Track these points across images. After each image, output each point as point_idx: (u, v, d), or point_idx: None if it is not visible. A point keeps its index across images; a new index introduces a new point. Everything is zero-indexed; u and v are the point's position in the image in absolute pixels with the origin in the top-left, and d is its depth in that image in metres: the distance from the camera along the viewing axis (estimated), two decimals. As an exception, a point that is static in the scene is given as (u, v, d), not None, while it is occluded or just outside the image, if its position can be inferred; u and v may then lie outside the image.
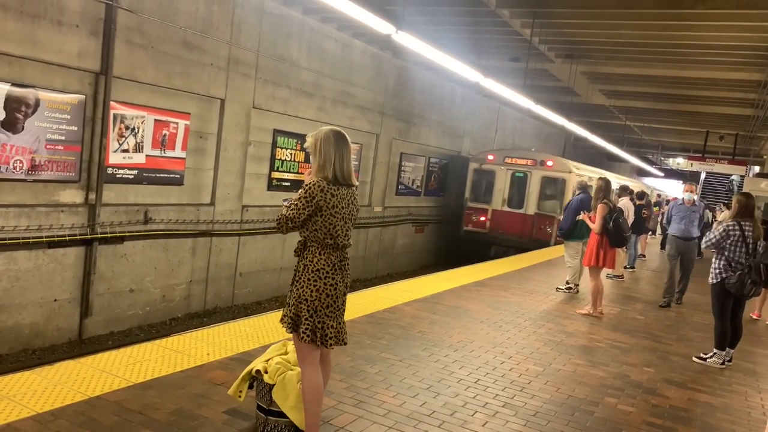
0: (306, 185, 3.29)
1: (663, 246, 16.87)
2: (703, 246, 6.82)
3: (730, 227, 6.33)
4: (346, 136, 3.44)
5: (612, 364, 6.00)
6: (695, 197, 9.61)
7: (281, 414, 3.47)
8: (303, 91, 12.61)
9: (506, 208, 18.46)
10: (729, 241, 6.30)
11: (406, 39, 8.03)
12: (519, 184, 18.47)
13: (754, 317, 9.36)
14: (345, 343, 3.45)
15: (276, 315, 6.16)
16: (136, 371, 4.42)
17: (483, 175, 19.04)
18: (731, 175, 30.87)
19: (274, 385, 3.47)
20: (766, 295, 9.45)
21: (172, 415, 3.78)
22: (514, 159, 18.75)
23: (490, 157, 18.98)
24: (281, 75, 11.96)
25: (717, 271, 6.39)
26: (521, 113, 24.24)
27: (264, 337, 5.49)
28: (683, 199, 9.62)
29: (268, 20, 11.40)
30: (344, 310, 3.47)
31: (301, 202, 3.25)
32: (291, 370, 3.53)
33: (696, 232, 9.46)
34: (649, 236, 17.19)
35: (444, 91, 18.66)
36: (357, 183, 3.51)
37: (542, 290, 9.57)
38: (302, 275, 3.32)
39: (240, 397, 3.69)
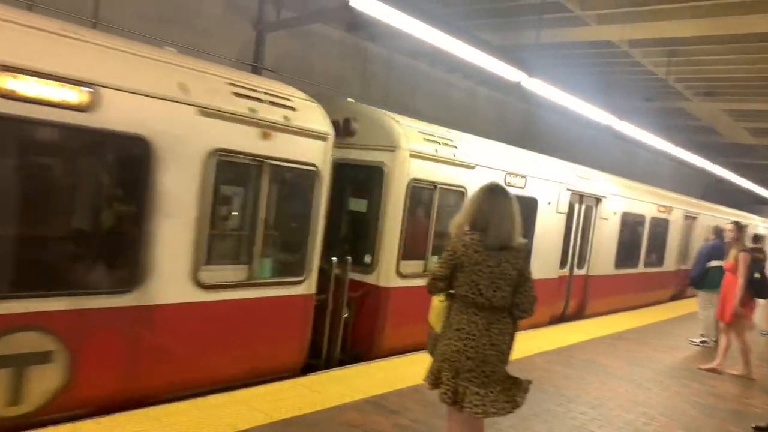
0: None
1: None
2: None
3: None
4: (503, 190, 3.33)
5: (776, 434, 5.37)
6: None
7: None
8: (428, 138, 12.95)
9: None
10: None
11: (536, 85, 8.02)
12: None
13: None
14: (497, 415, 3.24)
15: (408, 359, 6.23)
16: (277, 408, 4.65)
17: None
18: None
19: None
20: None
21: (313, 455, 3.92)
22: None
23: None
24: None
25: None
26: (654, 154, 22.94)
27: (396, 382, 5.55)
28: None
29: (395, 73, 11.92)
30: (499, 380, 3.24)
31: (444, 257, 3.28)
32: None
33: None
34: None
35: (570, 134, 18.20)
36: (518, 242, 3.31)
37: (684, 346, 8.83)
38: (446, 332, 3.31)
39: None
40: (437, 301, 3.40)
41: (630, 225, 11.93)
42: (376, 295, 6.42)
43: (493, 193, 3.29)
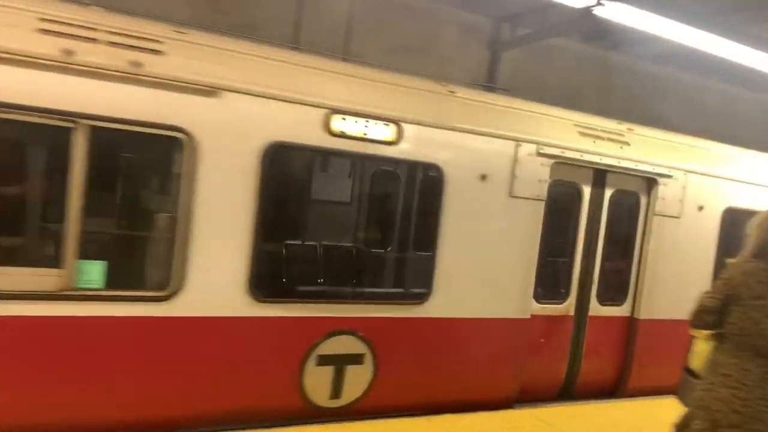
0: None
1: None
2: None
3: None
4: None
5: None
6: None
7: None
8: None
9: None
10: None
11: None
12: None
13: None
14: None
15: (658, 402, 5.52)
16: (511, 438, 4.51)
17: None
18: None
19: None
20: None
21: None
22: None
23: None
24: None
25: None
26: None
27: (645, 426, 4.97)
28: None
29: (639, 81, 11.02)
30: None
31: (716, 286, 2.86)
32: None
33: None
34: None
35: None
36: None
37: None
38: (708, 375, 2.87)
39: None
40: (702, 344, 2.94)
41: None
42: None
43: None
